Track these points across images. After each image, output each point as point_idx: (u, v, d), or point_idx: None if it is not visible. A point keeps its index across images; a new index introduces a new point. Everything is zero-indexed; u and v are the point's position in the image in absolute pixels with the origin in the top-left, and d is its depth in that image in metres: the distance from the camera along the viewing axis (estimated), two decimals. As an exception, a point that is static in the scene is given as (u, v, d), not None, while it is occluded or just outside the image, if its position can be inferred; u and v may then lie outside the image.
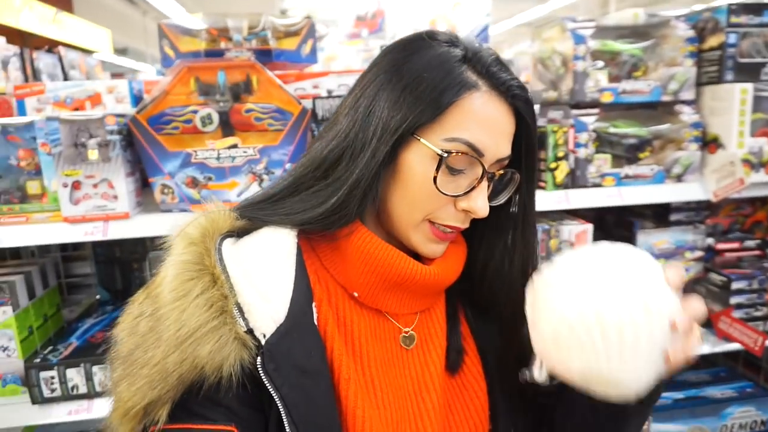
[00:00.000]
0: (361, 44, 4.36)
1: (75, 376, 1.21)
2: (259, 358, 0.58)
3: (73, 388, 1.21)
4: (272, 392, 0.57)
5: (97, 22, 5.56)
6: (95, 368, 1.21)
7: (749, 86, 1.29)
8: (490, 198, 0.69)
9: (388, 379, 0.68)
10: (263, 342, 0.58)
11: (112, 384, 0.60)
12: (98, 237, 1.19)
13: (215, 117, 1.23)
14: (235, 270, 0.61)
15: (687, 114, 1.37)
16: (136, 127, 1.19)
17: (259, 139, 1.25)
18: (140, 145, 1.20)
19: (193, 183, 1.23)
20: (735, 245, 1.54)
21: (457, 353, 0.74)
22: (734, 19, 1.30)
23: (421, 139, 0.63)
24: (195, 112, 1.21)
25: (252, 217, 0.68)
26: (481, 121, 0.63)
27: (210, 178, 1.23)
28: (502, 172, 0.69)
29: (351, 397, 0.62)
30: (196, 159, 1.22)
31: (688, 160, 1.37)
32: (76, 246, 1.62)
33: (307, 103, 1.29)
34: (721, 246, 1.53)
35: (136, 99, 1.63)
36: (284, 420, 0.57)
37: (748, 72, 1.33)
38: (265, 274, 0.62)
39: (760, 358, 1.61)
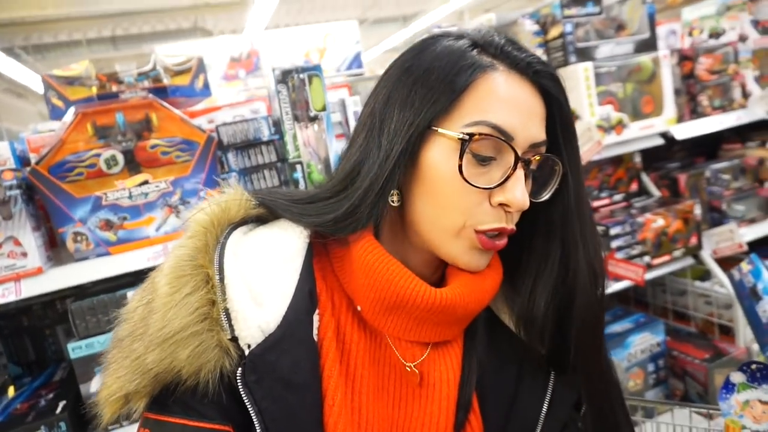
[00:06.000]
0: (240, 85, 4.40)
1: (7, 451, 1.13)
2: (240, 368, 0.56)
3: (6, 464, 1.13)
4: (249, 406, 0.55)
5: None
6: (29, 437, 1.13)
7: (589, 65, 1.54)
8: (534, 194, 0.61)
9: (377, 410, 0.62)
10: (247, 352, 0.56)
11: (106, 362, 0.60)
12: (11, 298, 1.13)
13: (120, 157, 1.23)
14: (231, 269, 0.58)
15: (546, 95, 1.59)
16: (38, 179, 1.16)
17: (169, 172, 1.27)
18: (44, 197, 1.17)
19: (108, 225, 1.22)
20: (606, 201, 1.80)
21: (466, 411, 0.64)
22: (567, 12, 1.56)
23: (440, 129, 0.58)
24: (98, 155, 1.21)
25: (270, 206, 0.64)
26: (504, 101, 0.57)
27: (125, 218, 1.23)
28: (539, 158, 0.61)
29: (331, 425, 0.58)
30: (107, 201, 1.21)
31: (555, 133, 1.59)
32: (-25, 324, 1.49)
33: (211, 134, 1.33)
34: (596, 204, 1.78)
35: (21, 160, 1.56)
36: None
37: (585, 54, 1.59)
38: (263, 275, 0.59)
39: (645, 291, 1.87)
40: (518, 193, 0.57)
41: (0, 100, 8.75)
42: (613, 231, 1.58)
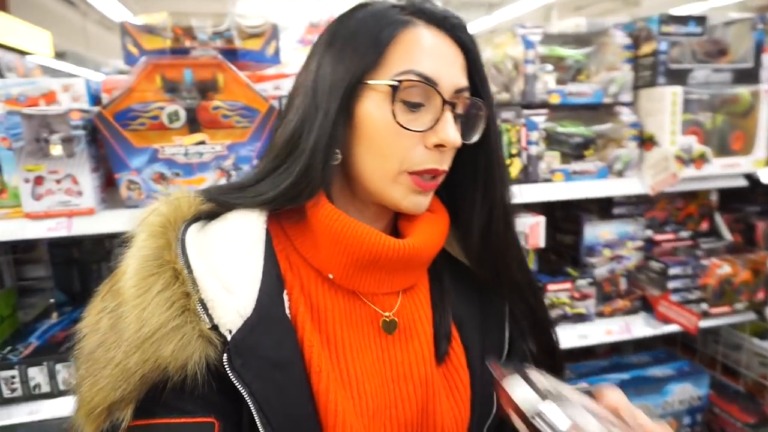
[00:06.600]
0: (314, 51, 4.41)
1: (37, 374, 1.18)
2: (225, 354, 0.56)
3: (35, 387, 1.19)
4: (240, 388, 0.56)
5: (34, 24, 5.34)
6: (58, 366, 1.19)
7: (679, 89, 1.43)
8: (463, 137, 0.67)
9: (364, 367, 0.66)
10: (229, 338, 0.57)
11: (77, 382, 0.59)
12: (62, 233, 1.18)
13: (182, 114, 1.24)
14: (198, 263, 0.59)
15: (625, 114, 1.49)
16: (102, 123, 1.19)
17: (226, 136, 1.27)
18: (106, 141, 1.20)
19: (161, 178, 1.24)
20: (670, 236, 1.68)
21: (446, 340, 0.71)
22: (665, 29, 1.44)
23: (370, 82, 0.63)
24: (162, 108, 1.22)
25: (219, 199, 0.66)
26: (426, 51, 0.63)
27: (178, 174, 1.24)
28: (465, 101, 0.67)
29: (323, 390, 0.60)
30: (163, 155, 1.23)
31: (627, 157, 1.49)
32: (30, 247, 1.57)
33: (272, 102, 1.32)
34: (658, 237, 1.67)
35: (94, 99, 1.61)
36: (255, 416, 0.56)
37: (677, 76, 1.47)
38: (230, 265, 0.60)
39: (695, 337, 1.76)
40: (450, 131, 0.63)
41: (91, 32, 9.20)
42: (672, 271, 1.48)
